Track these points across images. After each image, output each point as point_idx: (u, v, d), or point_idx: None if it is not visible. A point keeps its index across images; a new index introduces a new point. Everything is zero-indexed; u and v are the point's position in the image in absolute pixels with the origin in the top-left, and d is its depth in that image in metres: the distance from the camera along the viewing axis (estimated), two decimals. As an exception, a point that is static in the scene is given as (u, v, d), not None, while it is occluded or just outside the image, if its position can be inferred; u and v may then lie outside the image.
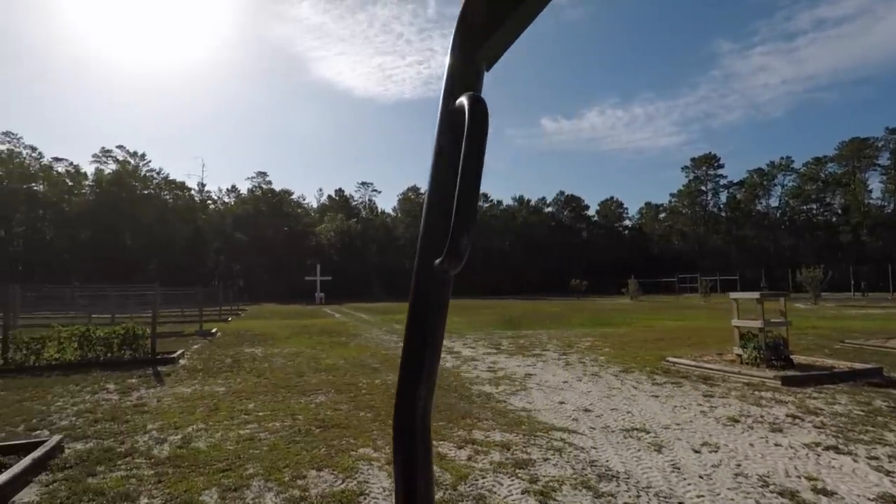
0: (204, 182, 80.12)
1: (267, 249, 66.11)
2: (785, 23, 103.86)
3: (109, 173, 63.63)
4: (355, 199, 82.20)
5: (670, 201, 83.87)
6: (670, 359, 8.93)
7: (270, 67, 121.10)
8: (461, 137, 0.48)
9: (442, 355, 8.43)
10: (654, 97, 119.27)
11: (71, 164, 63.84)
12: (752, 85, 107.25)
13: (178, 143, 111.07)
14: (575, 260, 77.15)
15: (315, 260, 58.18)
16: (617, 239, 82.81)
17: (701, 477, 3.83)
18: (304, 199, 79.54)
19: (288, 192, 74.67)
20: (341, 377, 8.03)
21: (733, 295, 8.76)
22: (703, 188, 79.20)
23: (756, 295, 8.15)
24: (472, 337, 13.95)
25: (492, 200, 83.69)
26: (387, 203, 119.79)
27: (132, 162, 65.17)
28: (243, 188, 75.28)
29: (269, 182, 74.79)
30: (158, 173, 66.96)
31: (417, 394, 0.59)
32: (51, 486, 3.75)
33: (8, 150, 58.81)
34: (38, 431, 5.27)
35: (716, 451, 4.40)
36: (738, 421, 5.31)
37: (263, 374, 8.36)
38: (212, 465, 4.13)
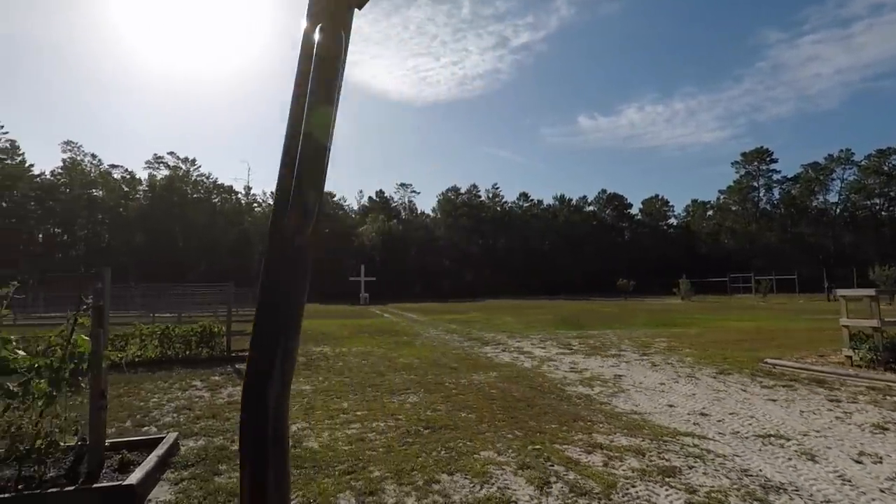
0: (250, 185, 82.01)
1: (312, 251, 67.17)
2: (838, 9, 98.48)
3: (162, 178, 66.16)
4: (395, 200, 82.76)
5: (719, 198, 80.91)
6: (769, 360, 8.34)
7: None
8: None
9: (516, 355, 8.16)
10: (695, 91, 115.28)
11: (126, 170, 66.75)
12: (802, 76, 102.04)
13: (223, 149, 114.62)
14: (618, 259, 75.33)
15: (358, 260, 58.77)
16: (662, 238, 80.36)
17: (883, 491, 3.40)
18: (344, 201, 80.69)
19: (330, 195, 75.79)
20: (423, 377, 7.83)
21: (842, 292, 8.12)
22: (755, 184, 75.94)
23: (870, 292, 7.50)
24: (537, 336, 13.58)
25: (532, 200, 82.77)
26: (425, 204, 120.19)
27: (183, 167, 67.55)
28: (287, 191, 76.86)
29: (312, 185, 76.13)
30: (207, 178, 69.21)
31: (269, 389, 0.55)
32: (180, 485, 3.66)
33: (70, 158, 61.92)
34: (145, 427, 5.26)
35: (880, 462, 3.95)
36: (886, 429, 4.80)
37: (343, 373, 8.25)
38: (333, 467, 3.96)
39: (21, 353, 3.64)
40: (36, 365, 3.65)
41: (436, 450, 4.34)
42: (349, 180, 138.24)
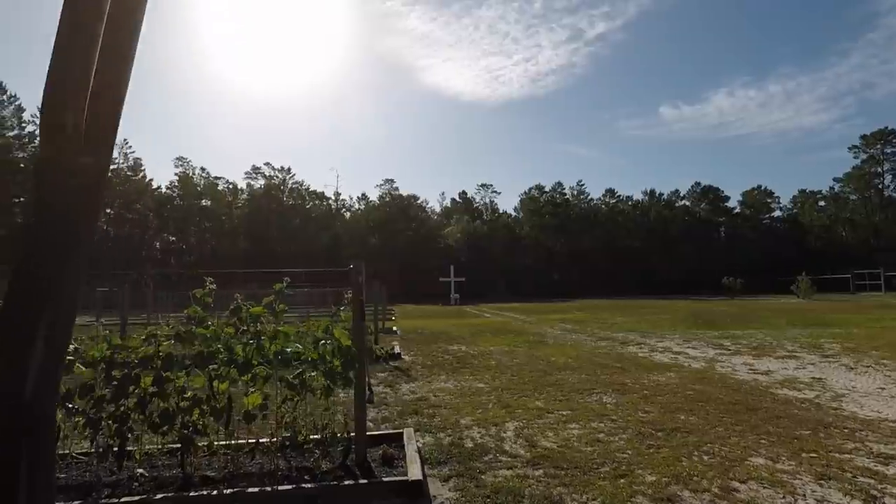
0: (339, 191, 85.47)
1: (397, 253, 68.87)
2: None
3: (259, 188, 70.56)
4: (476, 200, 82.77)
5: (833, 187, 73.41)
6: None
7: (384, 80, 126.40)
8: None
9: (671, 355, 7.49)
10: (794, 71, 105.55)
11: (227, 181, 71.80)
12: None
13: (311, 157, 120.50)
14: (715, 256, 70.57)
15: (446, 261, 59.31)
16: (766, 232, 74.26)
17: None
18: (426, 204, 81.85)
19: (415, 197, 77.30)
20: (595, 376, 7.49)
21: None
22: (879, 169, 68.03)
23: None
24: (675, 336, 12.76)
25: (619, 196, 79.56)
26: (506, 204, 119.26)
27: (280, 176, 71.60)
28: (372, 195, 79.33)
29: (397, 188, 78.03)
30: (301, 185, 72.90)
31: (26, 361, 0.39)
32: (452, 482, 3.57)
33: (182, 171, 67.63)
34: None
35: None
36: None
37: (507, 372, 8.09)
38: (594, 469, 3.73)
39: (298, 346, 3.73)
40: (311, 358, 3.74)
41: (692, 454, 4.00)
42: (428, 183, 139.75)
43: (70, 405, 3.47)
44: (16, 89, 60.49)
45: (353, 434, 3.80)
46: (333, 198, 75.88)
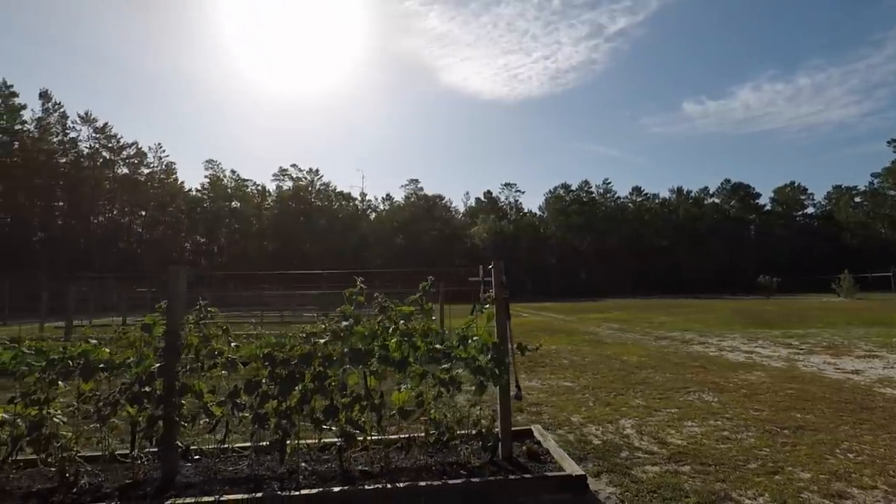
0: (365, 192, 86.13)
1: (422, 253, 69.14)
2: None
3: (287, 189, 71.55)
4: (501, 200, 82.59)
5: (871, 182, 71.29)
6: None
7: (402, 80, 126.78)
8: None
9: (743, 353, 7.40)
10: (824, 63, 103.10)
11: (255, 183, 72.96)
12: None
13: (333, 158, 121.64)
14: (746, 254, 69.28)
15: (469, 261, 59.35)
16: (799, 230, 72.57)
17: None
18: (451, 203, 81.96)
19: (440, 197, 77.54)
20: (680, 375, 7.45)
21: None
22: (919, 164, 65.93)
23: None
24: (738, 336, 12.59)
25: (646, 194, 78.54)
26: (530, 203, 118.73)
27: (307, 178, 72.50)
28: (397, 195, 79.77)
29: (422, 189, 78.35)
30: (328, 186, 73.71)
31: None
32: (604, 477, 3.62)
33: (212, 174, 68.93)
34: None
35: None
36: None
37: (585, 371, 8.11)
38: (742, 466, 3.74)
39: (449, 343, 3.82)
40: (459, 356, 3.83)
41: (834, 452, 3.98)
42: (451, 182, 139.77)
43: (238, 401, 3.61)
44: (61, 97, 62.42)
45: (497, 430, 3.87)
46: (359, 198, 76.59)
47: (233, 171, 69.71)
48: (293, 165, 73.98)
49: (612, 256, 71.03)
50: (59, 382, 3.58)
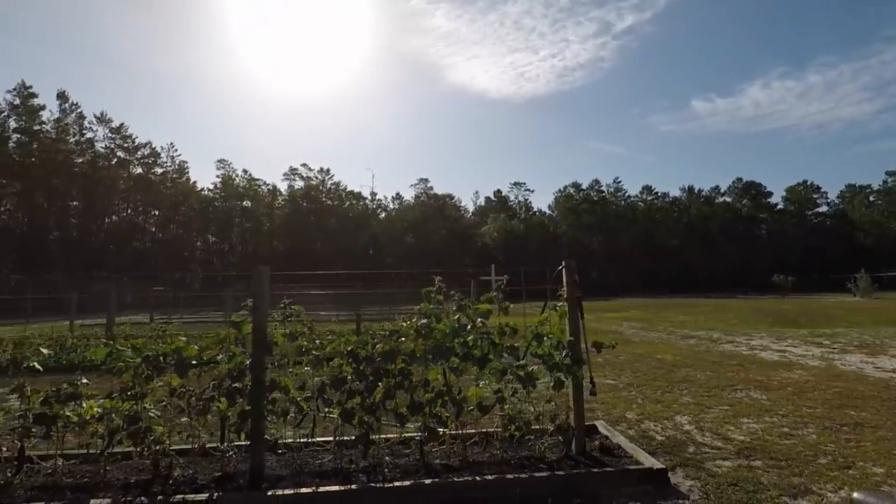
0: (375, 191, 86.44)
1: (432, 252, 69.29)
2: None
3: (299, 189, 71.90)
4: (510, 199, 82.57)
5: (886, 181, 70.67)
6: None
7: (409, 79, 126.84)
8: None
9: (776, 352, 7.43)
10: (835, 60, 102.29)
11: (264, 182, 73.33)
12: None
13: (340, 158, 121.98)
14: (758, 254, 68.86)
15: (479, 260, 59.43)
16: (812, 229, 72.07)
17: None
18: (460, 202, 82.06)
19: (450, 197, 77.66)
20: (721, 373, 7.53)
21: None
22: (934, 162, 65.24)
23: None
24: (766, 335, 12.62)
25: (656, 192, 78.25)
26: (539, 201, 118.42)
27: (318, 177, 72.83)
28: (406, 195, 79.96)
29: (431, 188, 78.50)
30: (338, 186, 73.99)
31: None
32: (679, 471, 3.71)
33: (223, 174, 69.40)
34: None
35: None
36: None
37: (624, 369, 8.21)
38: (813, 461, 3.82)
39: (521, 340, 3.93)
40: (534, 353, 3.94)
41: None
42: (459, 181, 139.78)
43: (325, 396, 3.75)
44: (77, 98, 63.04)
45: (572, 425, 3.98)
46: (370, 198, 76.84)
47: (245, 171, 70.22)
48: (303, 165, 74.41)
49: (622, 256, 70.85)
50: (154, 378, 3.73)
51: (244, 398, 3.68)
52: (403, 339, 3.83)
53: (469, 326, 3.89)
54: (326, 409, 3.78)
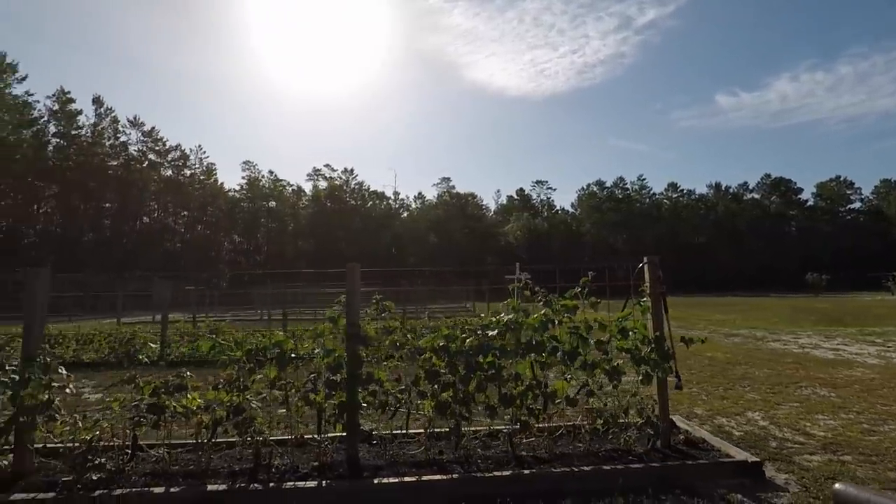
0: (398, 191, 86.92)
1: (455, 251, 69.42)
2: None
3: (323, 189, 72.73)
4: (533, 198, 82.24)
5: (923, 175, 68.38)
6: None
7: (427, 78, 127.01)
8: None
9: (829, 349, 7.30)
10: (867, 51, 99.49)
11: (289, 183, 74.35)
12: None
13: (360, 157, 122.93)
14: (787, 252, 67.33)
15: (501, 259, 59.29)
16: (845, 225, 70.21)
17: None
18: (482, 201, 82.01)
19: (472, 196, 77.68)
20: (778, 370, 7.47)
21: None
22: (975, 155, 62.95)
23: None
24: (812, 333, 12.42)
25: (681, 189, 77.06)
26: (560, 200, 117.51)
27: (342, 177, 73.58)
28: (427, 194, 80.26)
29: (454, 187, 78.65)
30: (361, 185, 74.65)
31: None
32: (769, 465, 3.74)
33: (249, 175, 70.59)
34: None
35: None
36: None
37: (679, 367, 8.17)
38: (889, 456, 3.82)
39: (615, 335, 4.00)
40: (621, 347, 4.01)
41: None
42: (479, 179, 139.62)
43: (419, 388, 3.87)
44: (112, 102, 64.88)
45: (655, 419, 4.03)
46: (393, 197, 77.32)
47: (270, 172, 71.30)
48: (327, 165, 75.26)
49: (647, 254, 69.69)
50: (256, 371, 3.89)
51: (341, 390, 3.82)
52: (492, 333, 3.93)
53: (557, 322, 3.98)
54: (419, 402, 3.90)
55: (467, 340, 3.92)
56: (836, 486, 2.04)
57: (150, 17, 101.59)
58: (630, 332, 4.03)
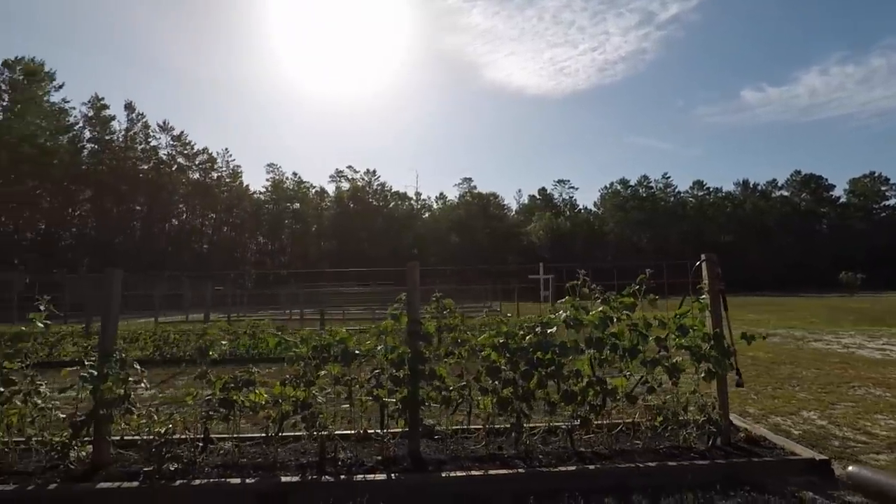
0: (419, 191, 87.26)
1: (477, 251, 69.40)
2: None
3: (346, 190, 73.47)
4: (555, 197, 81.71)
5: (962, 170, 65.93)
6: None
7: (447, 78, 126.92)
8: None
9: (873, 349, 7.06)
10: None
11: (312, 184, 75.26)
12: None
13: (381, 158, 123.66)
14: (818, 250, 65.56)
15: (524, 259, 59.06)
16: (880, 223, 68.07)
17: None
18: (503, 201, 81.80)
19: (494, 195, 77.55)
20: (826, 370, 7.36)
21: None
22: None
23: None
24: (855, 333, 12.17)
25: (708, 187, 75.66)
26: (583, 199, 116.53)
27: (364, 178, 74.24)
28: (449, 194, 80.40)
29: (475, 187, 78.63)
30: (383, 186, 75.18)
31: None
32: (834, 464, 3.71)
33: (273, 177, 71.69)
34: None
35: None
36: None
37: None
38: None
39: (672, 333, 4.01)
40: (684, 344, 4.02)
41: None
42: (500, 178, 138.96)
43: (481, 385, 3.94)
44: (143, 108, 66.61)
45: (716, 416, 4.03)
46: (415, 198, 77.67)
47: (294, 174, 72.31)
48: (349, 167, 76.00)
49: (671, 253, 68.94)
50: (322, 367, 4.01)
51: (404, 386, 3.91)
52: (551, 330, 3.98)
53: (616, 319, 4.01)
54: (480, 398, 3.97)
55: (527, 337, 3.98)
56: (850, 468, 2.00)
57: (175, 22, 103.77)
58: (690, 330, 4.03)
